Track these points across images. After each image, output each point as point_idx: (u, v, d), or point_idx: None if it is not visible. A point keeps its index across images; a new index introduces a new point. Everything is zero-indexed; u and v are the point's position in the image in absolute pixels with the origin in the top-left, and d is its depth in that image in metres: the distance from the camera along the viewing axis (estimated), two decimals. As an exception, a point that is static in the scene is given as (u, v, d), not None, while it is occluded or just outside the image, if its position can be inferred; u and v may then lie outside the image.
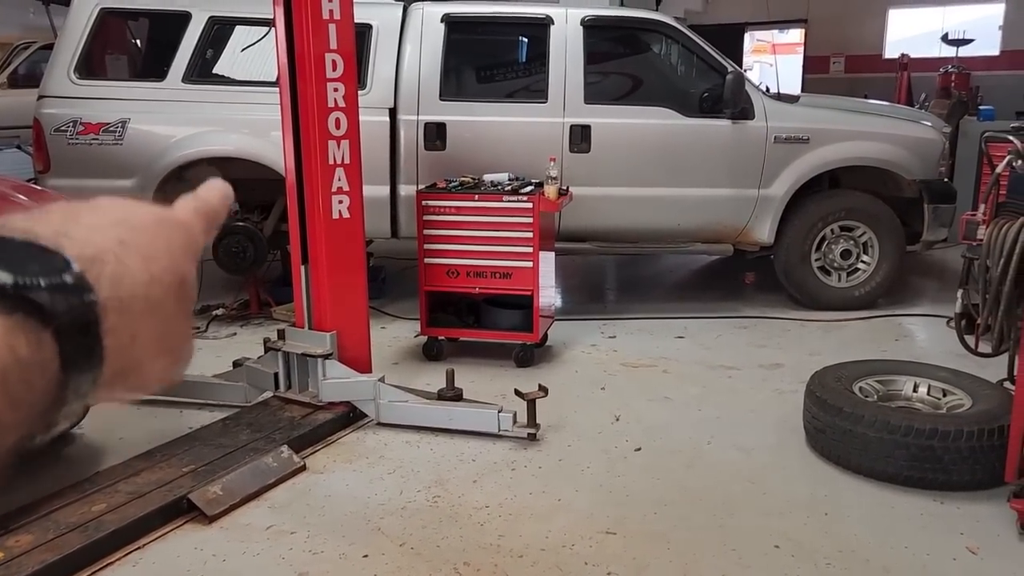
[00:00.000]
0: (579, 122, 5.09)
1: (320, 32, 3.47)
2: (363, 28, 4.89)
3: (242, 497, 3.00)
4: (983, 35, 12.27)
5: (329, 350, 3.62)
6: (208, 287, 5.78)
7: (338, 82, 3.55)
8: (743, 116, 5.14)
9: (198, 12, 5.10)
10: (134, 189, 4.92)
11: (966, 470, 2.97)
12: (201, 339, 5.01)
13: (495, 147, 5.02)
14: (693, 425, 3.71)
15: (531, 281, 4.32)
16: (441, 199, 4.38)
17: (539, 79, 5.22)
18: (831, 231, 5.36)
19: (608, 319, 5.34)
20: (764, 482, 3.19)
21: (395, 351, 4.72)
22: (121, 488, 2.93)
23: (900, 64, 11.49)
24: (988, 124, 7.41)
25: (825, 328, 5.13)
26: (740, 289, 6.17)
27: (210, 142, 5.01)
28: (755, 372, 4.39)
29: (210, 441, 3.35)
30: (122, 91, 5.14)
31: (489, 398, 3.79)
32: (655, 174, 5.17)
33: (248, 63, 5.37)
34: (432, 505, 3.01)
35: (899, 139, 5.39)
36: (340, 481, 3.20)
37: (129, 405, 3.02)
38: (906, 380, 3.52)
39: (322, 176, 3.58)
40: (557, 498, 3.06)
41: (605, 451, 3.45)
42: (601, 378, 4.31)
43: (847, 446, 3.16)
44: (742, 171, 5.20)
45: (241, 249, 5.06)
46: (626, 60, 5.85)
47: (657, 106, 5.21)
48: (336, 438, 3.56)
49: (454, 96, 5.19)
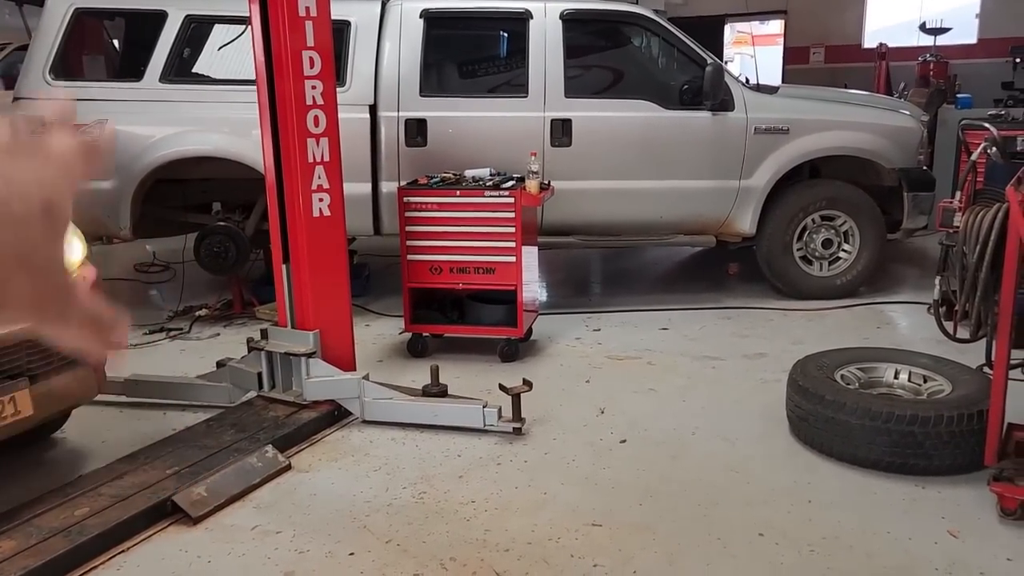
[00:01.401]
0: (560, 116, 5.09)
1: (297, 29, 3.45)
2: (341, 25, 4.87)
3: (227, 498, 2.99)
4: (960, 24, 12.35)
5: (312, 349, 3.61)
6: (191, 287, 5.76)
7: (316, 79, 3.53)
8: (723, 108, 5.16)
9: (174, 11, 5.06)
10: (113, 190, 4.88)
11: (947, 455, 3.01)
12: (184, 340, 4.99)
13: (476, 142, 5.01)
14: (678, 416, 3.72)
15: (514, 276, 4.33)
16: (423, 195, 4.37)
17: (519, 74, 5.22)
18: (812, 221, 5.39)
19: (592, 312, 5.35)
20: (748, 471, 3.21)
21: (379, 348, 4.72)
22: (104, 491, 2.91)
23: (879, 53, 11.56)
24: (966, 112, 7.48)
25: (808, 317, 5.17)
26: (723, 280, 6.20)
27: (189, 142, 4.97)
28: (739, 362, 4.42)
29: (194, 442, 3.33)
30: (99, 92, 5.09)
31: (474, 393, 3.79)
32: (637, 167, 5.18)
33: (226, 61, 5.33)
34: (418, 501, 3.01)
35: (878, 128, 5.43)
36: (325, 480, 3.20)
37: (113, 407, 2.95)
38: (887, 367, 3.55)
39: (302, 174, 3.56)
40: (543, 492, 3.06)
41: (590, 444, 3.46)
42: (586, 371, 4.32)
43: (829, 434, 3.18)
44: (723, 162, 5.23)
45: (223, 249, 5.04)
46: (606, 54, 5.85)
47: (637, 99, 5.22)
48: (321, 437, 3.55)
49: (434, 92, 5.18)
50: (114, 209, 4.93)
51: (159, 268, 6.61)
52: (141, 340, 4.95)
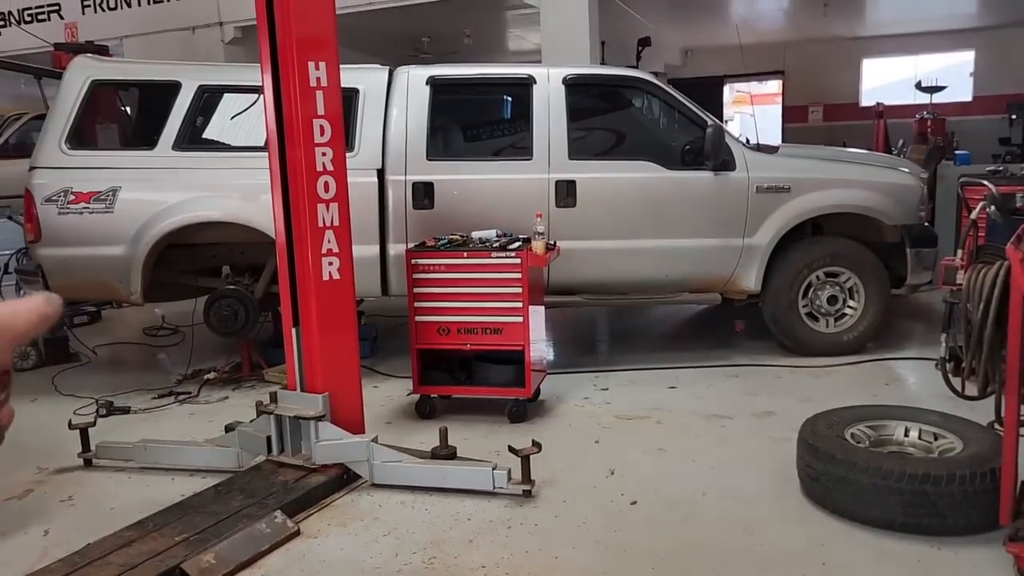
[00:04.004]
0: (564, 177, 5.18)
1: (308, 99, 3.55)
2: (350, 92, 5.00)
3: (236, 565, 2.96)
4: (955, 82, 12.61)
5: (321, 412, 3.62)
6: (199, 350, 5.79)
7: (326, 146, 3.62)
8: (724, 168, 5.25)
9: (188, 81, 5.21)
10: (125, 256, 4.95)
11: (961, 514, 2.97)
12: (193, 404, 5.00)
13: (483, 204, 5.09)
14: (688, 476, 3.70)
15: (522, 336, 4.35)
16: (430, 257, 4.42)
17: (523, 137, 5.32)
18: (816, 277, 5.42)
19: (600, 371, 5.35)
20: (761, 533, 3.17)
21: (388, 410, 4.71)
22: (113, 560, 2.90)
23: (876, 112, 11.77)
24: (965, 168, 7.58)
25: (815, 374, 5.16)
26: (730, 337, 6.20)
27: (200, 207, 5.06)
28: (748, 421, 4.40)
29: (202, 508, 3.31)
30: (113, 160, 5.21)
31: (483, 455, 3.78)
32: (641, 226, 5.25)
33: (236, 130, 5.46)
34: (428, 567, 2.98)
35: (878, 185, 5.50)
36: (335, 545, 3.17)
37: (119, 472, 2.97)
38: (897, 425, 3.53)
39: (312, 239, 3.62)
40: (554, 555, 3.03)
41: (601, 505, 3.43)
42: (595, 431, 4.30)
43: (841, 493, 3.16)
44: (726, 221, 5.29)
45: (232, 312, 5.08)
46: (608, 116, 5.97)
47: (640, 160, 5.31)
48: (330, 501, 3.53)
49: (441, 156, 5.29)
50: (125, 274, 5.00)
51: (168, 331, 6.65)
52: (150, 404, 4.96)
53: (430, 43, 12.60)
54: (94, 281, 5.11)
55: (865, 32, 14.41)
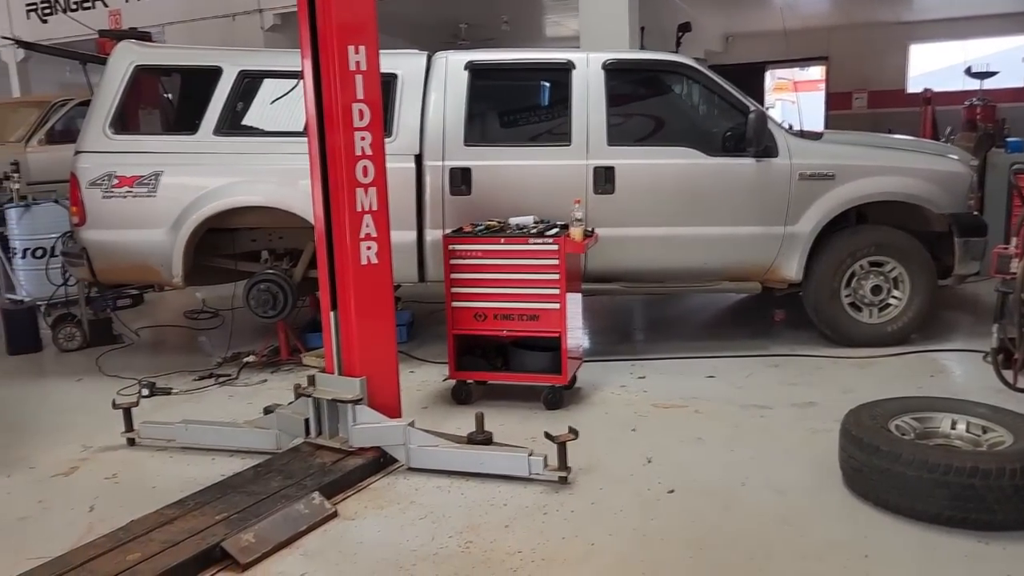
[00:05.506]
0: (603, 164, 5.12)
1: (347, 83, 3.55)
2: (388, 78, 5.00)
3: (274, 544, 3.00)
4: (1007, 67, 12.25)
5: (359, 395, 3.64)
6: (239, 334, 5.86)
7: (365, 131, 3.62)
8: (766, 154, 5.15)
9: (229, 67, 5.25)
10: (167, 240, 5.03)
11: (1011, 509, 2.89)
12: (232, 386, 5.06)
13: (520, 191, 5.06)
14: (726, 466, 3.65)
15: (558, 323, 4.33)
16: (468, 243, 4.41)
17: (562, 122, 5.27)
18: (860, 267, 5.31)
19: (637, 359, 5.31)
20: (801, 524, 3.12)
21: (424, 395, 4.73)
22: (155, 537, 2.95)
23: (924, 98, 11.48)
24: (1017, 156, 7.35)
25: (858, 365, 5.06)
26: (769, 327, 6.11)
27: (240, 192, 5.11)
28: (788, 411, 4.33)
29: (242, 488, 3.36)
30: (155, 144, 5.28)
31: (519, 441, 3.77)
32: (680, 214, 5.18)
33: (276, 114, 5.49)
34: (464, 551, 2.98)
35: (925, 173, 5.36)
36: (372, 527, 3.19)
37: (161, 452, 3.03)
38: (944, 417, 3.45)
39: (350, 223, 3.63)
40: (590, 542, 3.02)
41: (638, 493, 3.40)
42: (632, 419, 4.27)
43: (885, 486, 3.09)
44: (767, 209, 5.20)
45: (271, 296, 5.13)
46: (648, 102, 5.89)
47: (680, 146, 5.23)
48: (367, 484, 3.55)
49: (479, 141, 5.26)
50: (167, 258, 5.07)
51: (208, 315, 6.74)
52: (191, 386, 5.03)
53: (468, 29, 12.58)
54: (137, 264, 5.19)
55: (912, 16, 14.06)
